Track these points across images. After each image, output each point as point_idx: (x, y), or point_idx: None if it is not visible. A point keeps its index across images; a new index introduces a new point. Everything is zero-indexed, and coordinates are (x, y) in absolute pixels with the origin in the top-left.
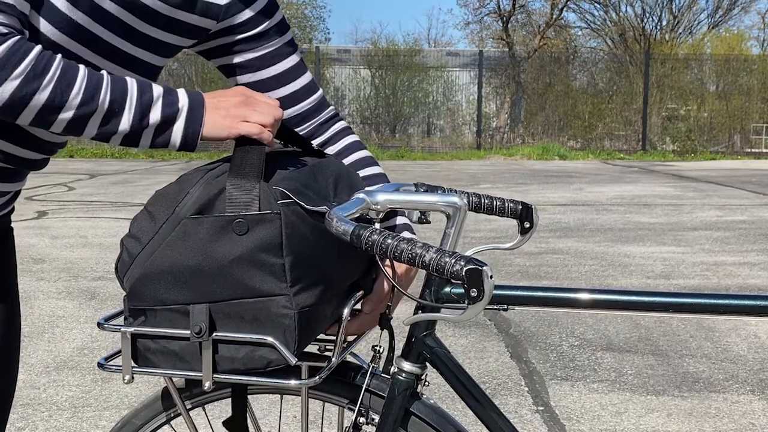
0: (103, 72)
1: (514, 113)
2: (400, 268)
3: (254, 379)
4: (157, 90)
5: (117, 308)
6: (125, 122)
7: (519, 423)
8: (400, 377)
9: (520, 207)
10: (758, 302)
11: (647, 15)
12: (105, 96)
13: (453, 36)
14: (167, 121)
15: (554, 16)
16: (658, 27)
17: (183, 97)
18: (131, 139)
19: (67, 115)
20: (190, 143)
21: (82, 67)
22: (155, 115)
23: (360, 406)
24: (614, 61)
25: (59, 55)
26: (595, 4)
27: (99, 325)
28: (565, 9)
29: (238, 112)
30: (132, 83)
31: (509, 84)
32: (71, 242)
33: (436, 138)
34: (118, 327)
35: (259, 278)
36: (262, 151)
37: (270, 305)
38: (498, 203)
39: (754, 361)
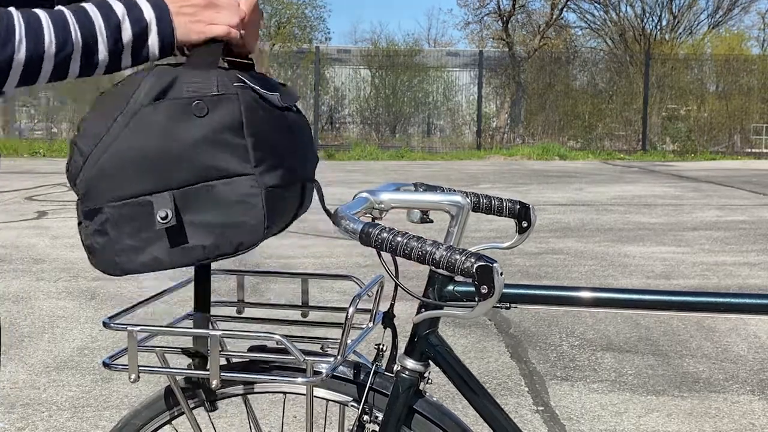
0: (60, 8)
1: (514, 113)
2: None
3: (260, 376)
4: (119, 8)
5: (121, 307)
6: (103, 52)
7: (519, 423)
8: (403, 375)
9: (518, 206)
10: (758, 301)
11: (647, 15)
12: (76, 33)
13: (453, 36)
14: (140, 37)
15: (554, 16)
16: (658, 27)
17: (147, 9)
18: (113, 65)
19: (48, 66)
20: (167, 52)
21: (38, 11)
22: (127, 36)
23: (364, 405)
24: (614, 61)
25: (11, 8)
26: (595, 4)
27: (105, 324)
28: (565, 9)
29: (205, 15)
30: (93, 9)
31: (509, 84)
32: (71, 242)
33: (436, 138)
34: (125, 326)
35: (224, 159)
36: (219, 46)
37: (236, 186)
38: (496, 203)
39: (754, 361)
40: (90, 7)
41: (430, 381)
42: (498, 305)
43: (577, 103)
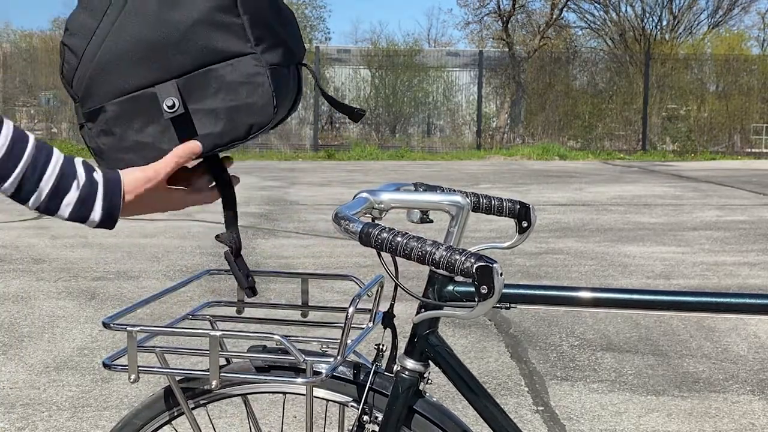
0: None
1: (514, 113)
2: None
3: (261, 377)
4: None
5: (121, 307)
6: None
7: (519, 423)
8: (403, 375)
9: (518, 206)
10: (758, 301)
11: (647, 15)
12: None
13: (453, 36)
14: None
15: (554, 16)
16: (658, 27)
17: (97, 209)
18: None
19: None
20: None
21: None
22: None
23: (364, 405)
24: (614, 61)
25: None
26: (595, 4)
27: (105, 324)
28: (565, 9)
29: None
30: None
31: (509, 84)
32: (71, 242)
33: (436, 138)
34: (124, 326)
35: (222, 39)
36: None
37: (239, 66)
38: (496, 203)
39: (754, 361)
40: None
41: (430, 381)
42: (498, 305)
43: (577, 103)
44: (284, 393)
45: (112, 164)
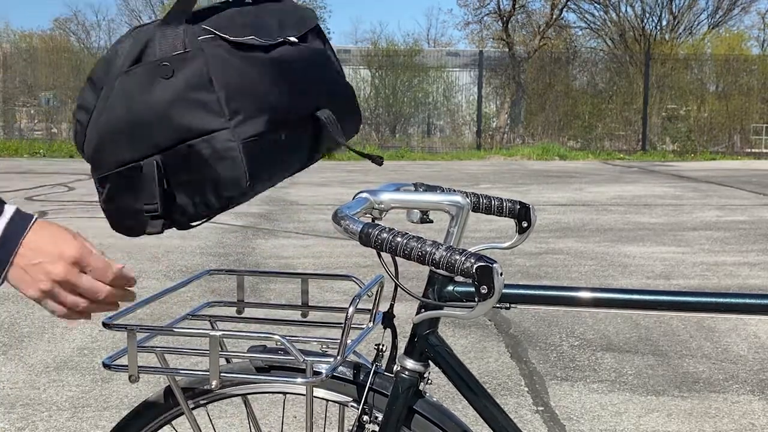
0: None
1: (514, 113)
2: None
3: (261, 377)
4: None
5: (121, 307)
6: None
7: (519, 423)
8: (403, 375)
9: (518, 206)
10: (758, 301)
11: (647, 15)
12: None
13: (453, 36)
14: None
15: (554, 16)
16: (658, 27)
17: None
18: None
19: None
20: None
21: None
22: None
23: (364, 405)
24: (614, 61)
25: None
26: (595, 4)
27: (105, 324)
28: (565, 9)
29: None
30: None
31: (509, 84)
32: None
33: (436, 138)
34: (124, 326)
35: (197, 117)
36: None
37: (214, 142)
38: (496, 203)
39: (754, 361)
40: None
41: (430, 381)
42: (498, 305)
43: (577, 103)
44: (284, 393)
45: (120, 229)
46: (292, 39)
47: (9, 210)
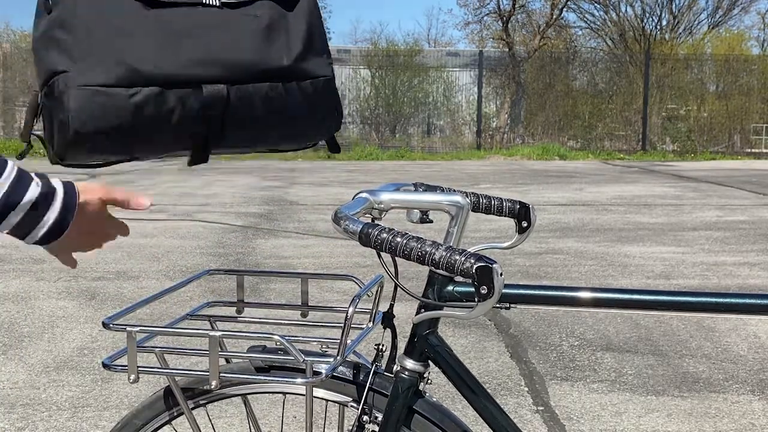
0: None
1: (514, 113)
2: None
3: (260, 377)
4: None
5: (121, 307)
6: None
7: (519, 423)
8: (403, 375)
9: (518, 206)
10: (758, 301)
11: (647, 15)
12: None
13: (453, 36)
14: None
15: (554, 16)
16: (658, 27)
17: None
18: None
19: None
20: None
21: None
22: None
23: (363, 405)
24: (614, 61)
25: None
26: (595, 4)
27: (104, 324)
28: (565, 9)
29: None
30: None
31: (509, 84)
32: None
33: (436, 138)
34: (124, 326)
35: (52, 55)
36: None
37: (59, 82)
38: (496, 203)
39: (754, 361)
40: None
41: (429, 381)
42: (498, 305)
43: (577, 103)
44: (284, 393)
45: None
46: (213, 2)
47: (59, 186)
